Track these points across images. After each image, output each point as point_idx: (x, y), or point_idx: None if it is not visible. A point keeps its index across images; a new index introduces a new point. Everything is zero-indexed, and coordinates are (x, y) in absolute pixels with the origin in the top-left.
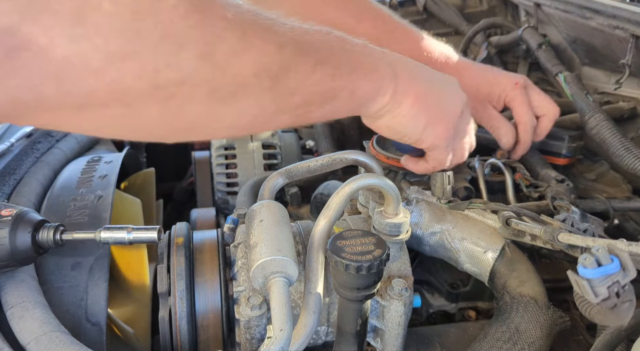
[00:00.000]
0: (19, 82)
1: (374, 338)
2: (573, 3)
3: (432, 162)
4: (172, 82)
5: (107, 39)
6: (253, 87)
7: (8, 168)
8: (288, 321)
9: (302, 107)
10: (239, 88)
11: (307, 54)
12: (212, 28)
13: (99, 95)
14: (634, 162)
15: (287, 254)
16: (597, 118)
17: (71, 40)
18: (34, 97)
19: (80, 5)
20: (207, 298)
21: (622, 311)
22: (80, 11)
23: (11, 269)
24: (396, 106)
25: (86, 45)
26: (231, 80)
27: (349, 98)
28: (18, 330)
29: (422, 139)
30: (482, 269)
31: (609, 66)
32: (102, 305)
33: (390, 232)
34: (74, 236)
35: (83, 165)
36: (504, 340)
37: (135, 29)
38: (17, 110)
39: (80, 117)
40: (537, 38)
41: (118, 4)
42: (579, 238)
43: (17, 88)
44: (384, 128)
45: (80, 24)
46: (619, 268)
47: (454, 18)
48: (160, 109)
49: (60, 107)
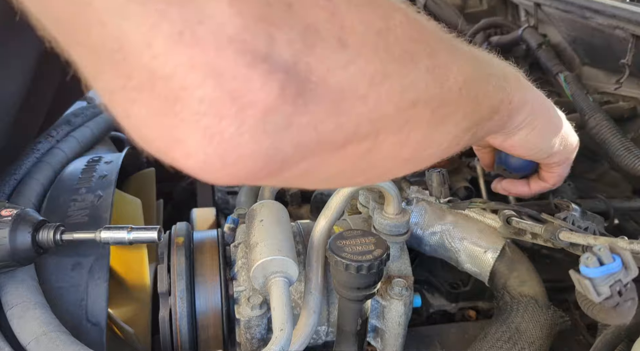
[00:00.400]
0: (307, 121)
1: (374, 338)
2: (573, 3)
3: (554, 180)
4: (409, 103)
5: (367, 61)
6: (458, 102)
7: (8, 168)
8: (288, 321)
9: (477, 124)
10: (450, 105)
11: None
12: (428, 41)
13: (362, 127)
14: (634, 162)
15: (288, 254)
16: (597, 118)
17: (342, 67)
18: (316, 138)
19: (340, 28)
20: (208, 298)
21: (625, 310)
22: (342, 34)
23: (11, 270)
24: (534, 117)
25: (353, 70)
26: (447, 95)
27: (506, 110)
28: (18, 330)
29: (556, 152)
30: (482, 269)
31: (609, 66)
32: (103, 305)
33: (391, 232)
34: (74, 236)
35: (83, 165)
36: (504, 340)
37: (383, 46)
38: (291, 161)
39: (334, 159)
40: (537, 38)
41: (363, 22)
42: (580, 236)
43: (303, 129)
44: (519, 145)
45: (345, 47)
46: (621, 266)
47: (454, 18)
48: (395, 139)
49: (326, 147)
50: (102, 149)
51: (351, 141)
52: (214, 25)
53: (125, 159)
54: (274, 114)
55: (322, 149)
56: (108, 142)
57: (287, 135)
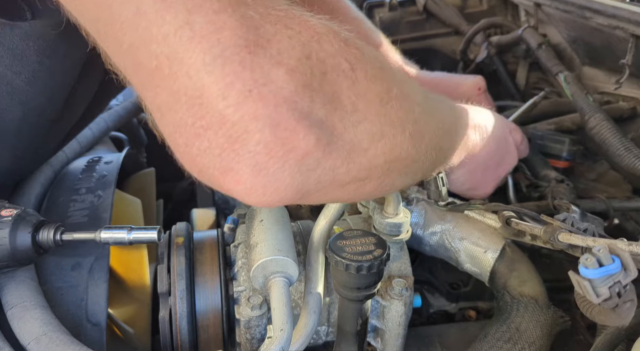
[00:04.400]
0: (329, 165)
1: (374, 338)
2: (573, 3)
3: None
4: (394, 158)
5: (371, 122)
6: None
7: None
8: (288, 321)
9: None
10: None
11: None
12: (414, 110)
13: (361, 173)
14: (634, 162)
15: (288, 254)
16: (597, 118)
17: (353, 125)
18: (330, 177)
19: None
20: (208, 298)
21: (624, 311)
22: (356, 100)
23: (11, 270)
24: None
25: (362, 128)
26: (417, 154)
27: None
28: (18, 330)
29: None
30: (483, 269)
31: (609, 66)
32: (103, 305)
33: (391, 232)
34: (74, 236)
35: (83, 165)
36: (504, 340)
37: (383, 113)
38: (310, 193)
39: (340, 190)
40: (537, 38)
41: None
42: (579, 238)
43: (325, 171)
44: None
45: (356, 111)
46: (620, 268)
47: (454, 18)
48: (377, 183)
49: (335, 184)
50: (102, 149)
51: (350, 182)
52: (274, 87)
53: (125, 159)
54: (309, 158)
55: (332, 186)
56: (108, 142)
57: (313, 174)
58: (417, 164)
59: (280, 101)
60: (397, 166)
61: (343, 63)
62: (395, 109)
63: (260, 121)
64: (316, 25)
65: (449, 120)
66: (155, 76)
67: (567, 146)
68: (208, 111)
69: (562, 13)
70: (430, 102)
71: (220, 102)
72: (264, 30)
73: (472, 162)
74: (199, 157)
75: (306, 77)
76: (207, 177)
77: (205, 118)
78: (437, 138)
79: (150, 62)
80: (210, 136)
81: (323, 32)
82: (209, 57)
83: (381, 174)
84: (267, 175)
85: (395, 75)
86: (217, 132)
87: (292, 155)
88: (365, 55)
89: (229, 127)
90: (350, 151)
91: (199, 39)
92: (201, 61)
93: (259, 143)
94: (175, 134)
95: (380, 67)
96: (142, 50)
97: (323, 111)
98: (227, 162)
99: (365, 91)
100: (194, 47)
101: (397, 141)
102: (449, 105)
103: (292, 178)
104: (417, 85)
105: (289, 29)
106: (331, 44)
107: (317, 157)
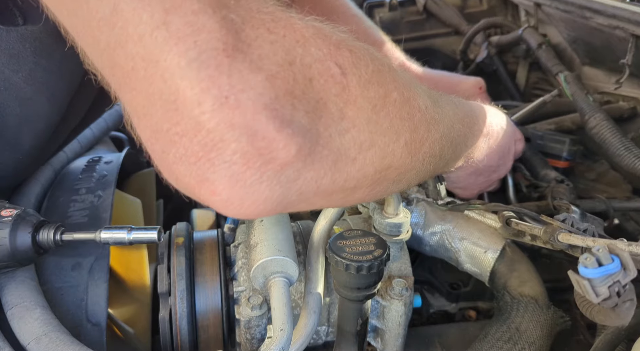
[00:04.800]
0: (311, 175)
1: (374, 338)
2: (573, 3)
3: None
4: (385, 167)
5: (359, 130)
6: (420, 168)
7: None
8: (288, 321)
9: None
10: (413, 170)
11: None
12: (413, 118)
13: (348, 182)
14: (634, 162)
15: (288, 254)
16: (597, 118)
17: (340, 134)
18: (314, 188)
19: (345, 102)
20: (208, 298)
21: (623, 311)
22: (344, 107)
23: (11, 270)
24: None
25: (349, 137)
26: (414, 163)
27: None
28: (18, 330)
29: (452, 190)
30: (483, 269)
31: (609, 66)
32: (103, 305)
33: (391, 232)
34: (74, 236)
35: (83, 165)
36: (504, 340)
37: (375, 121)
38: (292, 203)
39: (326, 199)
40: (537, 38)
41: (365, 98)
42: (579, 238)
43: (307, 182)
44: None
45: (344, 118)
46: (619, 267)
47: (454, 18)
48: (367, 190)
49: (320, 194)
50: (102, 149)
51: (337, 191)
52: (253, 94)
53: (125, 159)
54: (288, 169)
55: (317, 197)
56: (108, 142)
57: (294, 185)
58: (413, 172)
59: (259, 108)
60: (389, 174)
61: (333, 68)
62: (391, 117)
63: (236, 129)
64: (302, 29)
65: (459, 128)
66: (131, 78)
67: (567, 146)
68: (183, 117)
69: (562, 13)
70: (439, 108)
71: (195, 108)
72: (245, 35)
73: (471, 167)
74: (175, 165)
75: (288, 83)
76: (183, 186)
77: (180, 124)
78: (439, 147)
79: (127, 63)
80: (185, 144)
81: (310, 36)
82: (185, 61)
83: (371, 183)
84: (244, 186)
85: (398, 78)
86: (192, 140)
87: (270, 166)
88: (361, 59)
89: (204, 135)
90: (336, 160)
91: (175, 40)
92: (176, 64)
93: (236, 153)
94: (152, 140)
95: (378, 71)
96: (119, 50)
97: (306, 119)
98: (203, 171)
99: (356, 97)
100: (170, 49)
101: (389, 149)
102: (466, 111)
103: (271, 189)
104: (425, 89)
105: (272, 33)
106: (319, 48)
107: (298, 168)
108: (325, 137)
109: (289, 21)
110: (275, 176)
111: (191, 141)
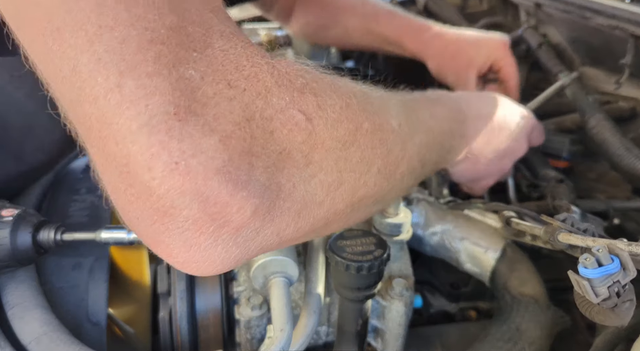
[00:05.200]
0: (271, 231)
1: (374, 338)
2: (573, 3)
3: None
4: (359, 198)
5: (327, 172)
6: (399, 187)
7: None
8: (288, 321)
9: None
10: (392, 191)
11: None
12: (387, 142)
13: (317, 224)
14: (634, 162)
15: (288, 254)
16: (597, 118)
17: (305, 181)
18: (277, 241)
19: (311, 147)
20: (207, 298)
21: (623, 311)
22: (310, 152)
23: (12, 270)
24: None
25: (315, 181)
26: (391, 185)
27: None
28: (19, 330)
29: (467, 185)
30: (483, 269)
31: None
32: (103, 305)
33: (391, 232)
34: (75, 236)
35: (83, 165)
36: (504, 340)
37: (344, 158)
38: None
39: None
40: (537, 38)
41: (334, 138)
42: (579, 238)
43: (268, 237)
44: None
45: (309, 164)
46: (619, 267)
47: (454, 18)
48: (342, 223)
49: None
50: None
51: (305, 235)
52: (204, 158)
53: None
54: (245, 230)
55: (282, 245)
56: None
57: (253, 243)
58: (392, 193)
59: (211, 173)
60: (363, 203)
61: (296, 115)
62: (362, 148)
63: (187, 196)
64: (265, 78)
65: (440, 125)
66: (90, 136)
67: (567, 146)
68: (135, 181)
69: (562, 13)
70: (415, 117)
71: (145, 173)
72: (202, 93)
73: (475, 156)
74: (133, 223)
75: (244, 142)
76: (145, 242)
77: (134, 187)
78: (418, 158)
79: (85, 122)
80: (140, 206)
81: (272, 85)
82: (135, 125)
83: (344, 216)
84: (199, 250)
85: (368, 106)
86: (145, 203)
87: (224, 230)
88: (327, 99)
89: (155, 200)
90: (300, 210)
91: (127, 104)
92: (127, 128)
93: (187, 219)
94: (113, 195)
95: (347, 106)
96: (78, 109)
97: (265, 175)
98: (158, 235)
99: (324, 139)
100: (122, 112)
101: (360, 182)
102: (443, 108)
103: (227, 251)
104: (397, 102)
105: (232, 88)
106: (281, 97)
107: (256, 227)
108: (287, 189)
109: (253, 69)
110: (231, 238)
111: (144, 204)
